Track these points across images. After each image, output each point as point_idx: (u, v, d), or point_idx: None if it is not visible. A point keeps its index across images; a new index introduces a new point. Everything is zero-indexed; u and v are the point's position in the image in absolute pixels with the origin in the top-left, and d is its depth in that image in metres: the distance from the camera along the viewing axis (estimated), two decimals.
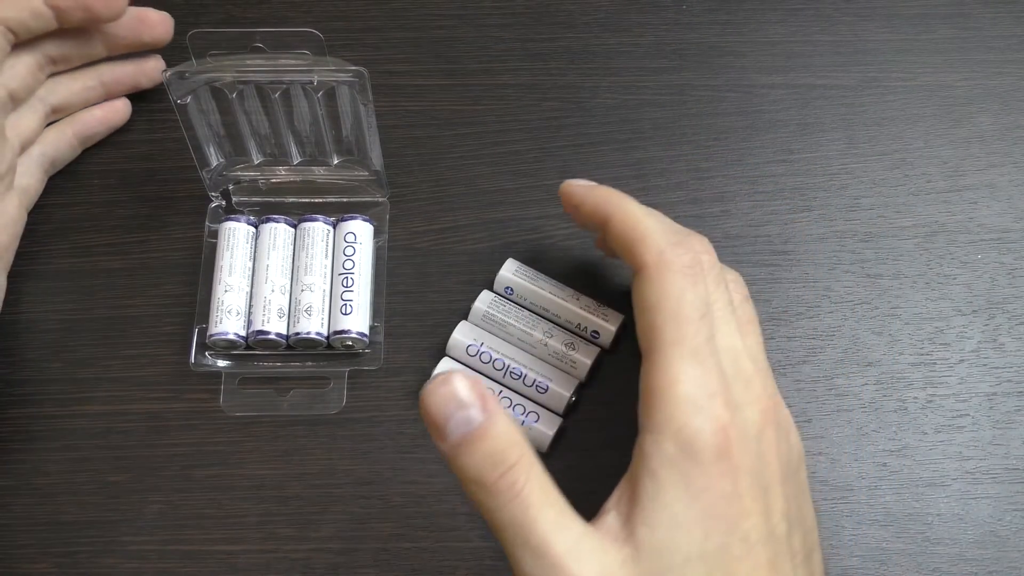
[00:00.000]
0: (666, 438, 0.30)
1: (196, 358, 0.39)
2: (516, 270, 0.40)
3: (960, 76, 0.46)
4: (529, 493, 0.28)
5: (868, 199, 0.43)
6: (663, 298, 0.31)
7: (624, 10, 0.47)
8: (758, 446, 0.31)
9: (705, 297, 0.32)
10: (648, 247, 0.32)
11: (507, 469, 0.29)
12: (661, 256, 0.32)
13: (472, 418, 0.28)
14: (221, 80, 0.38)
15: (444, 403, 0.29)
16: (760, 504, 0.30)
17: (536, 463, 0.29)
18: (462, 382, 0.29)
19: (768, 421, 0.31)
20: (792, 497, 0.31)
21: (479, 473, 0.29)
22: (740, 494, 0.29)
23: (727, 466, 0.29)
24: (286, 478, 0.38)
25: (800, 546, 0.31)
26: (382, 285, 0.41)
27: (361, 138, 0.40)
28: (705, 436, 0.29)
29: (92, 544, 0.37)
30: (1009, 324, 0.41)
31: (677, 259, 0.32)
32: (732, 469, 0.30)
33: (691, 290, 0.31)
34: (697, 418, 0.30)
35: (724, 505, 0.29)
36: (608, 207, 0.34)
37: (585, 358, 0.39)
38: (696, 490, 0.29)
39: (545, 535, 0.28)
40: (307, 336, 0.39)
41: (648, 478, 0.30)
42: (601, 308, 0.39)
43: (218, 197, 0.42)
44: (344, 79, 0.37)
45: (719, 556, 0.29)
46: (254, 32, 0.37)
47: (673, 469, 0.29)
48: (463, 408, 0.29)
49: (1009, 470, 0.38)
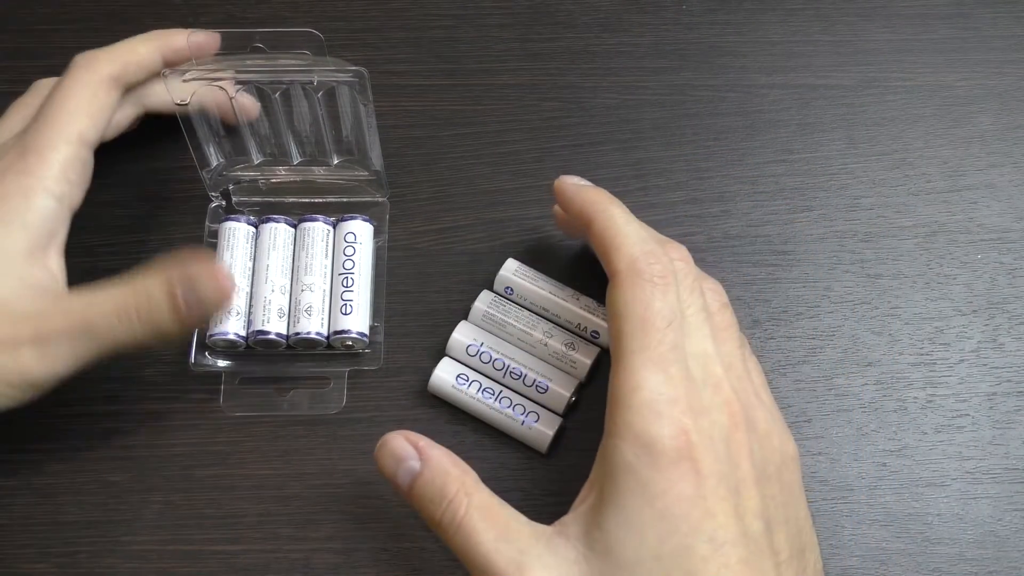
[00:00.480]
0: (626, 443, 0.30)
1: (196, 358, 0.39)
2: (516, 270, 0.40)
3: (960, 76, 0.46)
4: (467, 520, 0.31)
5: (868, 199, 0.43)
6: (631, 306, 0.32)
7: (624, 10, 0.47)
8: (726, 448, 0.31)
9: (675, 305, 0.32)
10: (621, 255, 0.33)
11: (447, 504, 0.31)
12: (633, 264, 0.33)
13: (411, 468, 0.33)
14: (220, 80, 0.38)
15: (388, 462, 0.33)
16: (727, 504, 0.30)
17: (475, 490, 0.32)
18: (395, 439, 0.33)
19: (737, 424, 0.32)
20: (771, 497, 0.31)
21: (428, 514, 0.32)
22: (703, 495, 0.30)
23: (687, 469, 0.30)
24: (286, 478, 0.38)
25: (785, 545, 0.31)
26: (382, 285, 0.41)
27: (361, 138, 0.40)
28: (664, 441, 0.30)
29: (92, 544, 0.37)
30: (1009, 324, 0.41)
31: (647, 268, 0.33)
32: (693, 472, 0.30)
33: (660, 299, 0.32)
34: (655, 424, 0.30)
35: (685, 507, 0.30)
36: (592, 211, 0.35)
37: (585, 358, 0.39)
38: (653, 494, 0.30)
39: (487, 555, 0.30)
40: (307, 336, 0.39)
41: (607, 481, 0.31)
42: (601, 308, 0.39)
43: (218, 197, 0.42)
44: (344, 79, 0.37)
45: (678, 557, 0.29)
46: (254, 32, 0.37)
47: (630, 474, 0.30)
48: (402, 462, 0.33)
49: (1009, 470, 0.38)
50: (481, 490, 0.32)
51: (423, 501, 0.32)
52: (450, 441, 0.39)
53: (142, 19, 0.47)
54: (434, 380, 0.38)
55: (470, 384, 0.38)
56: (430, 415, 0.39)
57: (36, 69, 0.40)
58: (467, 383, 0.38)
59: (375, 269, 0.41)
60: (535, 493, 0.38)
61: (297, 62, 0.37)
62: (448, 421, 0.39)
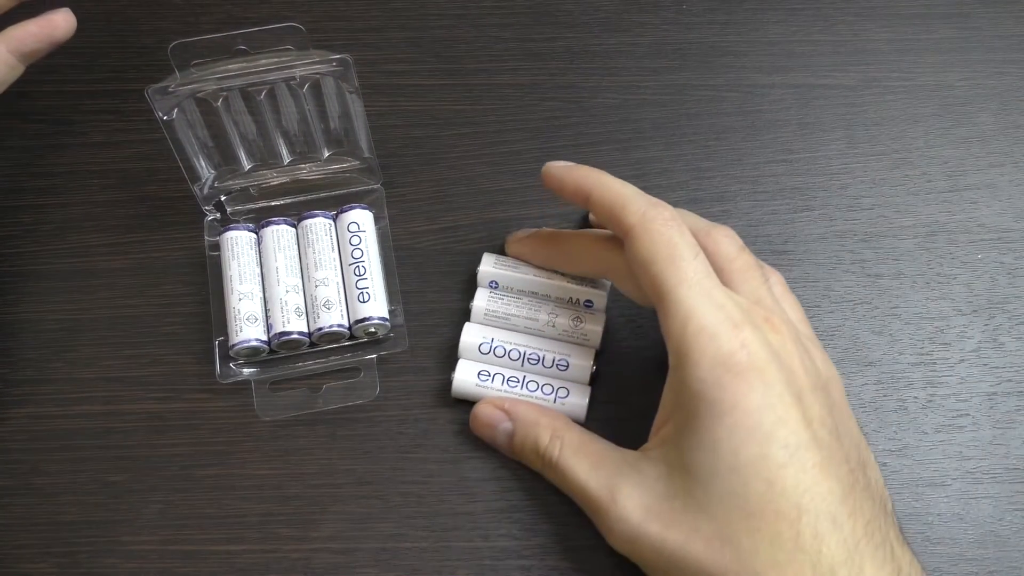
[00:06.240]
0: (689, 372, 0.32)
1: (222, 370, 0.39)
2: (495, 262, 0.40)
3: (960, 76, 0.46)
4: (563, 460, 0.35)
5: (868, 199, 0.43)
6: (655, 247, 0.33)
7: (624, 10, 0.47)
8: (780, 358, 0.32)
9: (694, 241, 0.34)
10: (630, 212, 0.34)
11: (543, 451, 0.36)
12: (644, 215, 0.34)
13: (506, 430, 0.37)
14: (204, 90, 0.38)
15: (485, 431, 0.38)
16: (796, 411, 0.31)
17: (566, 431, 0.36)
18: (484, 408, 0.38)
19: (785, 336, 0.33)
20: (826, 407, 0.32)
21: (530, 462, 0.37)
22: (772, 404, 0.31)
23: (753, 379, 0.31)
24: (286, 478, 0.38)
25: (852, 454, 0.32)
26: (392, 269, 0.41)
27: (350, 126, 0.40)
28: (726, 359, 0.31)
29: (92, 544, 0.37)
30: (1009, 324, 0.41)
31: (659, 215, 0.34)
32: (760, 382, 0.31)
33: (679, 236, 0.34)
34: (713, 345, 0.32)
35: (756, 417, 0.31)
36: (587, 183, 0.36)
37: (596, 326, 0.39)
38: (721, 411, 0.31)
39: (583, 485, 0.34)
40: (330, 330, 0.39)
41: (677, 412, 0.33)
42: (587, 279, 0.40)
43: (212, 211, 0.42)
44: (327, 70, 0.37)
45: (755, 466, 0.30)
46: (235, 35, 0.37)
47: (699, 399, 0.31)
48: (496, 427, 0.37)
49: (1009, 470, 0.38)
50: (571, 430, 0.36)
51: (524, 453, 0.37)
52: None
53: (142, 19, 0.47)
54: (456, 384, 0.38)
55: (493, 379, 0.38)
56: (430, 415, 0.39)
57: (36, 70, 0.40)
58: (489, 378, 0.38)
59: (382, 254, 0.41)
60: None
61: (278, 59, 0.37)
62: (449, 421, 0.39)
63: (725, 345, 0.31)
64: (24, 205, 0.43)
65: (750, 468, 0.31)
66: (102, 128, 0.45)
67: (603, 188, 0.35)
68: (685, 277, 0.33)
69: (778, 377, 0.31)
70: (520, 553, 0.37)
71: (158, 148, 0.44)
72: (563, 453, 0.35)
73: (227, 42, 0.37)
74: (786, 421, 0.31)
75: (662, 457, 0.33)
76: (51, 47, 0.40)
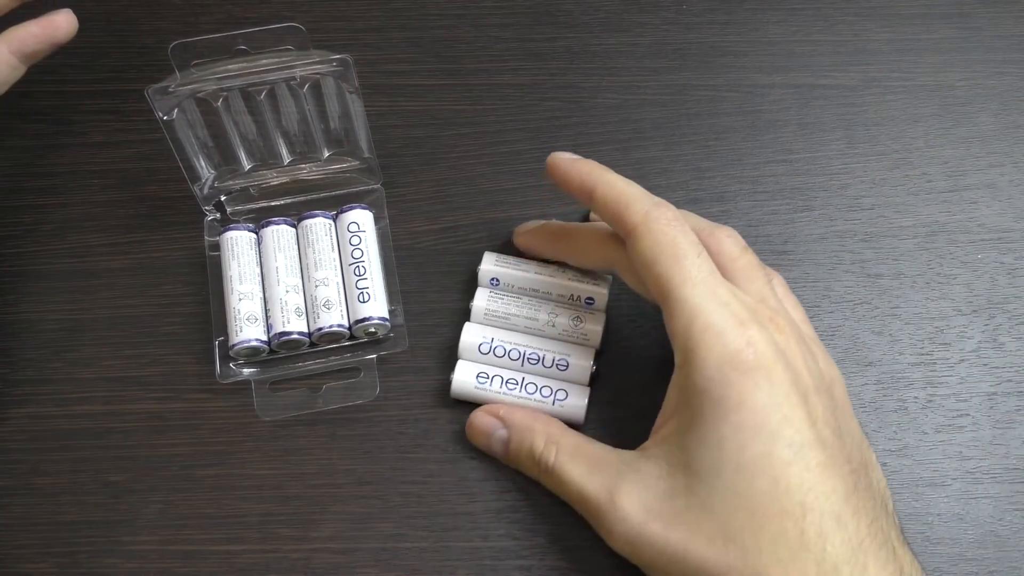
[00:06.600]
0: (695, 370, 0.32)
1: (222, 370, 0.39)
2: (496, 260, 0.40)
3: (960, 76, 0.46)
4: (558, 465, 0.35)
5: (868, 199, 0.43)
6: (659, 247, 0.33)
7: (624, 10, 0.47)
8: (786, 357, 0.32)
9: (696, 241, 0.34)
10: (633, 211, 0.34)
11: (538, 456, 0.36)
12: (647, 215, 0.34)
13: (501, 437, 0.37)
14: (204, 90, 0.38)
15: (480, 439, 0.38)
16: (801, 411, 0.31)
17: (561, 436, 0.36)
18: (478, 417, 0.38)
19: (789, 336, 0.33)
20: (830, 408, 0.32)
21: (526, 470, 0.37)
22: (778, 402, 0.31)
23: (760, 378, 0.31)
24: (286, 478, 0.38)
25: (854, 454, 0.32)
26: (392, 268, 0.41)
27: (350, 126, 0.40)
28: (733, 357, 0.31)
29: (92, 544, 0.37)
30: (1009, 324, 0.41)
31: (662, 214, 0.34)
32: (767, 380, 0.31)
33: (682, 235, 0.34)
34: (720, 343, 0.32)
35: (762, 415, 0.31)
36: (591, 180, 0.36)
37: (595, 326, 0.39)
38: (727, 408, 0.31)
39: (580, 489, 0.34)
40: (330, 330, 0.39)
41: (682, 409, 0.33)
42: (589, 275, 0.40)
43: (212, 211, 0.42)
44: (328, 70, 0.37)
45: (760, 464, 0.30)
46: (235, 35, 0.37)
47: (704, 397, 0.31)
48: (491, 434, 0.37)
49: (1009, 470, 0.38)
50: (567, 434, 0.36)
51: (520, 460, 0.37)
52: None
53: (142, 19, 0.47)
54: (456, 385, 0.38)
55: (491, 380, 0.38)
56: (430, 415, 0.39)
57: (36, 70, 0.40)
58: (488, 380, 0.38)
59: (382, 255, 0.41)
60: None
61: (278, 59, 0.37)
62: (449, 421, 0.39)
63: (732, 343, 0.31)
64: (24, 205, 0.43)
65: (755, 466, 0.31)
66: (102, 128, 0.45)
67: (607, 186, 0.35)
68: (689, 276, 0.33)
69: (784, 376, 0.31)
70: (520, 553, 0.37)
71: (158, 148, 0.44)
72: (559, 458, 0.35)
73: (227, 42, 0.37)
74: (791, 420, 0.31)
75: (663, 455, 0.33)
76: (52, 48, 0.40)
